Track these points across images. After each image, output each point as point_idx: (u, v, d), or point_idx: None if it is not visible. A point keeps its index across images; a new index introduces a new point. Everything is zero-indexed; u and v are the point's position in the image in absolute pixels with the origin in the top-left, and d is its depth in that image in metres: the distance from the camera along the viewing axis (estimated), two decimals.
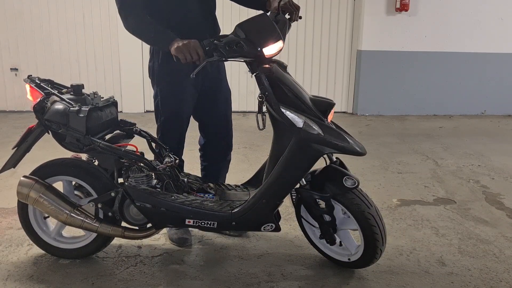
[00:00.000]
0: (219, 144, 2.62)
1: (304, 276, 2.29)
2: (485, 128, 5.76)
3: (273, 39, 1.99)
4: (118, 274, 2.28)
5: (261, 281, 2.24)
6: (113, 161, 2.22)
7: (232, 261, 2.42)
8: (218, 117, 2.57)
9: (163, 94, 2.41)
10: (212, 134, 2.61)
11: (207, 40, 1.99)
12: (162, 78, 2.40)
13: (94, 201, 2.25)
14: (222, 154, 2.66)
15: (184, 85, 2.38)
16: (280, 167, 2.05)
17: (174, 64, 2.19)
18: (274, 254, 2.50)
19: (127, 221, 2.28)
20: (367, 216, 2.11)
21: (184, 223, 2.20)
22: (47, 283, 2.20)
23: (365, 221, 2.11)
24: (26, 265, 2.35)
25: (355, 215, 2.12)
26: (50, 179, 2.29)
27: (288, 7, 2.23)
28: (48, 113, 2.18)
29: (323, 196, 2.13)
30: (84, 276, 2.26)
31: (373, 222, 2.11)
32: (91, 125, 2.15)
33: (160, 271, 2.32)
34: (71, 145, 2.20)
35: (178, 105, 2.42)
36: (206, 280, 2.25)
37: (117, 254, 2.46)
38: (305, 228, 2.37)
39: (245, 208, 2.15)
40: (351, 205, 2.12)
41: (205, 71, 2.37)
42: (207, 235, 2.68)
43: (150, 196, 2.18)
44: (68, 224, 2.28)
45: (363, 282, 2.24)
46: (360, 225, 2.13)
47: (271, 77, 2.03)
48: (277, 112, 2.02)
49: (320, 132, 1.99)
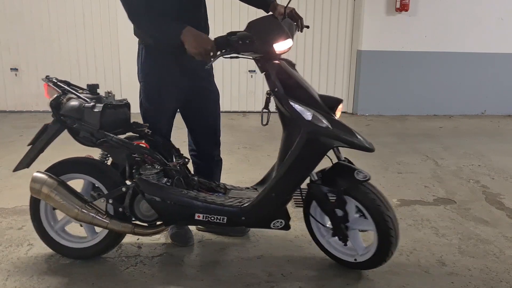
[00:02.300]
0: (207, 144, 2.63)
1: (304, 276, 2.29)
2: (485, 128, 5.76)
3: (283, 37, 2.05)
4: (118, 274, 2.28)
5: (261, 281, 2.24)
6: (125, 155, 2.26)
7: (232, 261, 2.42)
8: (208, 118, 2.58)
9: (146, 89, 2.43)
10: (201, 134, 2.61)
11: (220, 36, 2.02)
12: (146, 74, 2.42)
13: (105, 197, 2.28)
14: (210, 154, 2.66)
15: (166, 81, 2.39)
16: (289, 160, 2.05)
17: (157, 61, 2.27)
18: (274, 254, 2.50)
19: (137, 218, 2.30)
20: (385, 219, 2.08)
21: (194, 218, 2.20)
22: (47, 283, 2.20)
23: (383, 223, 2.08)
24: (26, 265, 2.35)
25: (374, 217, 2.09)
26: (63, 176, 2.34)
27: (293, 15, 2.33)
28: (64, 108, 2.25)
29: (336, 190, 2.12)
30: (84, 276, 2.26)
31: (390, 225, 2.09)
32: (104, 120, 2.20)
33: (160, 271, 2.32)
34: (84, 139, 2.26)
35: (160, 99, 2.42)
36: (206, 280, 2.25)
37: (117, 254, 2.46)
38: (311, 226, 2.35)
39: (254, 202, 2.15)
40: (372, 207, 2.08)
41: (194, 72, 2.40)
42: (207, 235, 2.68)
43: (160, 189, 2.20)
44: (79, 220, 2.30)
45: (363, 282, 2.24)
46: (377, 227, 2.09)
47: (280, 72, 2.06)
48: (286, 105, 2.03)
49: (329, 125, 2.00)
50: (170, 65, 2.35)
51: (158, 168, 2.27)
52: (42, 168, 2.36)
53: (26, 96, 6.20)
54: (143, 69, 2.42)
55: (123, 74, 6.09)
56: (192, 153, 2.67)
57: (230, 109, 6.38)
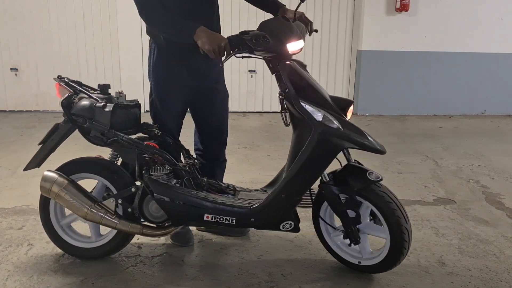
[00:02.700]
0: (212, 144, 2.64)
1: (304, 276, 2.29)
2: (485, 128, 5.76)
3: (296, 37, 2.06)
4: (118, 274, 2.28)
5: (261, 281, 2.24)
6: (135, 155, 2.26)
7: (232, 261, 2.42)
8: (215, 117, 2.59)
9: (157, 89, 2.44)
10: (207, 133, 2.62)
11: (233, 35, 2.04)
12: (155, 78, 2.43)
13: (114, 197, 2.29)
14: (215, 154, 2.66)
15: (176, 81, 2.40)
16: (300, 161, 2.04)
17: (168, 61, 2.27)
18: (274, 254, 2.50)
19: (146, 218, 2.30)
20: (403, 231, 2.07)
21: (203, 219, 2.20)
22: (47, 283, 2.20)
23: (400, 235, 2.07)
24: (26, 265, 2.35)
25: (391, 227, 2.07)
26: (73, 176, 2.34)
27: (304, 19, 2.37)
28: (75, 107, 2.25)
29: (348, 190, 2.11)
30: (84, 276, 2.26)
31: (406, 238, 2.08)
32: (115, 120, 2.21)
33: (160, 271, 2.32)
34: (95, 138, 2.26)
35: (170, 99, 2.43)
36: (206, 280, 2.25)
37: (117, 254, 2.46)
38: (320, 227, 2.33)
39: (264, 203, 2.14)
40: (391, 217, 2.07)
41: (204, 72, 2.41)
42: (207, 235, 2.68)
43: (170, 189, 2.20)
44: (88, 220, 2.30)
45: (363, 282, 2.24)
46: (392, 237, 2.08)
47: (291, 72, 2.06)
48: (297, 106, 2.03)
49: (340, 126, 2.00)
50: (181, 66, 2.36)
51: (168, 169, 2.27)
52: (49, 168, 2.36)
53: (26, 96, 6.20)
54: (154, 69, 2.43)
55: (123, 74, 6.08)
56: (198, 152, 2.67)
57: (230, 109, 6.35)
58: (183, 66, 2.36)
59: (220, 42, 2.03)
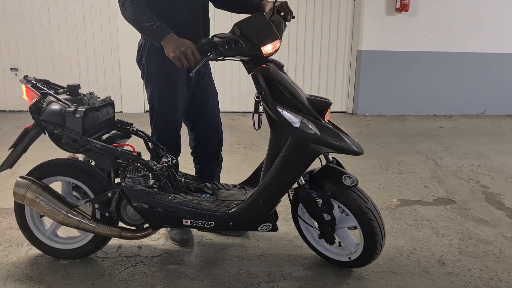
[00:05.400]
0: (210, 144, 2.63)
1: (304, 276, 2.29)
2: (485, 128, 5.76)
3: (271, 38, 2.00)
4: (118, 274, 2.28)
5: (261, 281, 2.24)
6: (110, 161, 2.21)
7: (232, 261, 2.42)
8: (210, 117, 2.59)
9: (159, 95, 2.41)
10: (203, 134, 2.61)
11: (205, 39, 1.98)
12: (159, 79, 2.39)
13: (91, 202, 2.24)
14: (214, 154, 2.66)
15: (177, 85, 2.39)
16: (277, 167, 2.06)
17: (170, 67, 2.22)
18: (274, 254, 2.50)
19: (124, 222, 2.27)
20: (364, 211, 2.11)
21: (181, 223, 2.20)
22: (47, 283, 2.20)
23: (363, 216, 2.11)
24: (26, 265, 2.35)
25: (353, 210, 2.12)
26: (47, 179, 2.29)
27: (284, 7, 2.26)
28: (44, 113, 2.16)
29: (323, 195, 2.13)
30: (84, 276, 2.26)
31: (371, 216, 2.11)
32: (87, 125, 2.14)
33: (160, 271, 2.32)
34: (67, 145, 2.19)
35: (173, 105, 2.42)
36: (206, 280, 2.25)
37: (117, 254, 2.46)
38: (301, 228, 2.37)
39: (242, 208, 2.15)
40: (348, 201, 2.12)
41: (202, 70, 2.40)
42: (207, 235, 2.68)
43: (147, 196, 2.17)
44: (65, 225, 2.27)
45: (363, 282, 2.24)
46: (359, 221, 2.12)
47: (267, 76, 2.03)
48: (274, 112, 2.03)
49: (317, 131, 1.99)
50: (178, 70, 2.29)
51: (144, 173, 2.23)
52: (29, 168, 2.32)
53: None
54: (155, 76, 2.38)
55: (123, 74, 6.08)
56: (195, 155, 2.67)
57: (230, 109, 6.37)
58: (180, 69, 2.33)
59: (186, 49, 1.96)
